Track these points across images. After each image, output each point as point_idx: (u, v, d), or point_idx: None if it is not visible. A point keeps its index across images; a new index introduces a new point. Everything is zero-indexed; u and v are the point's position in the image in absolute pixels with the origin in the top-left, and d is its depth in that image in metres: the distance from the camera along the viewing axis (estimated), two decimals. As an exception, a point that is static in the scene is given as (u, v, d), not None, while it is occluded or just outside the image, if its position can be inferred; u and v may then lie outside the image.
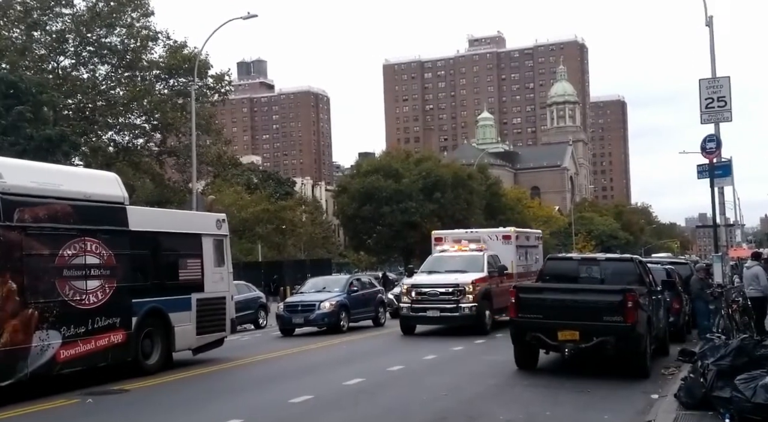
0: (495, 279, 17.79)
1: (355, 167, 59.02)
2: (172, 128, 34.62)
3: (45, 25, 31.86)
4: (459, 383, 10.56)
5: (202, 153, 33.42)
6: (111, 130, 35.08)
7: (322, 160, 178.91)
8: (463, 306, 16.63)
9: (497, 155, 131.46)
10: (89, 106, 33.83)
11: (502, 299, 16.37)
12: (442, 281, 17.17)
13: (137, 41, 33.35)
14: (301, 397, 9.37)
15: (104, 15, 32.34)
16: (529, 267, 20.49)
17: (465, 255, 18.50)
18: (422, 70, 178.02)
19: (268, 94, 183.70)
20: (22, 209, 9.58)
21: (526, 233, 22.69)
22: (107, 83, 34.34)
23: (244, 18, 27.12)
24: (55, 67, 32.83)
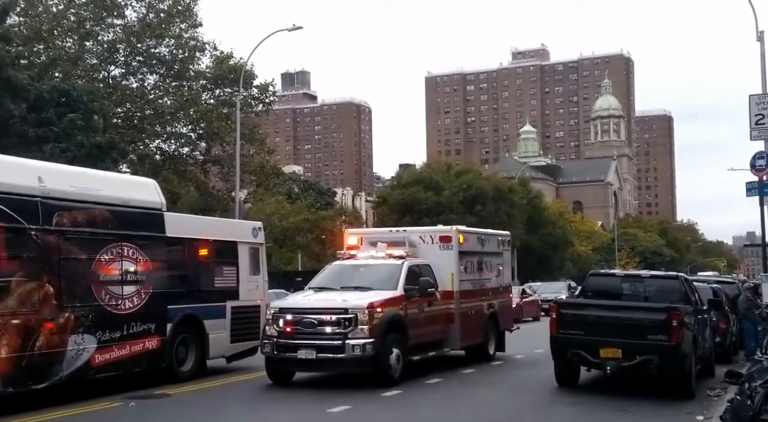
0: (415, 302, 11.86)
1: (396, 178, 58.96)
2: (217, 137, 35.14)
3: (97, 36, 32.67)
4: (497, 398, 10.47)
5: (246, 162, 33.75)
6: (158, 139, 35.72)
7: (363, 170, 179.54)
8: (352, 343, 10.60)
9: (539, 169, 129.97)
10: (138, 114, 34.51)
11: (426, 330, 12.05)
12: (323, 304, 11.07)
13: (185, 52, 33.97)
14: (339, 407, 9.35)
15: (154, 26, 33.03)
16: (485, 283, 14.36)
17: (376, 264, 12.36)
18: (464, 82, 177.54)
19: (311, 104, 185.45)
20: (61, 213, 9.67)
21: (481, 234, 15.06)
22: (155, 92, 35.00)
23: (289, 30, 27.39)
24: (105, 76, 33.63)
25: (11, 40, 23.09)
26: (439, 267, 12.91)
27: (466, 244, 13.75)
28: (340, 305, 10.95)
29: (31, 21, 30.56)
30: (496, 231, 16.70)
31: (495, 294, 14.84)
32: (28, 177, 9.50)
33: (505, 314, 15.45)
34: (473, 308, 13.71)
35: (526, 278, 56.16)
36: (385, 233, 14.10)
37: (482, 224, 50.47)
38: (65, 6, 32.19)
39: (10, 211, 9.03)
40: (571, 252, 67.77)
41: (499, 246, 15.58)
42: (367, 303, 10.91)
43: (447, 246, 13.32)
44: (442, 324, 12.78)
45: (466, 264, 13.63)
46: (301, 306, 11.25)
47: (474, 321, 13.71)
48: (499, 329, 14.98)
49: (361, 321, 10.75)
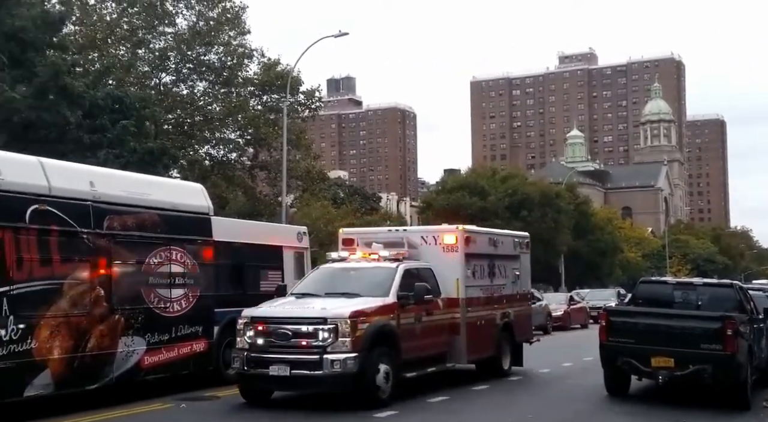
0: (411, 310, 10.40)
1: (441, 183, 58.74)
2: (264, 143, 35.53)
3: (149, 44, 33.42)
4: (546, 406, 10.25)
5: (292, 167, 34.05)
6: (207, 144, 36.29)
7: (408, 175, 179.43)
8: (331, 358, 9.14)
9: (587, 174, 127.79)
10: (188, 120, 35.14)
11: (424, 342, 10.62)
12: (298, 312, 9.68)
13: (234, 59, 34.48)
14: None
15: (204, 34, 33.63)
16: (498, 290, 12.79)
17: (367, 268, 10.97)
18: (510, 87, 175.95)
19: (356, 110, 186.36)
20: (111, 217, 9.84)
21: (493, 235, 13.42)
22: (205, 99, 35.61)
23: (335, 36, 27.54)
24: (157, 83, 34.35)
25: (67, 49, 23.77)
26: (443, 272, 11.40)
27: (474, 246, 12.08)
28: (318, 314, 9.40)
29: (86, 30, 31.42)
30: (511, 232, 15.06)
31: (510, 302, 13.18)
32: (80, 181, 9.70)
33: (523, 324, 13.82)
34: (483, 317, 12.15)
35: (574, 284, 55.22)
36: (382, 233, 12.53)
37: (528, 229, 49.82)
38: (118, 15, 33.04)
39: (63, 215, 9.20)
40: (621, 258, 66.35)
41: (515, 249, 13.82)
42: (349, 311, 9.37)
43: (451, 248, 11.74)
44: (444, 335, 11.25)
45: (474, 269, 12.02)
46: (274, 315, 9.65)
47: (484, 332, 12.11)
48: (514, 341, 13.34)
49: (342, 333, 9.19)
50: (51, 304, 9.00)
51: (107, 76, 27.25)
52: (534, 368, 13.92)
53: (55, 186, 9.25)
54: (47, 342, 8.89)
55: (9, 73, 20.01)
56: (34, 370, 8.74)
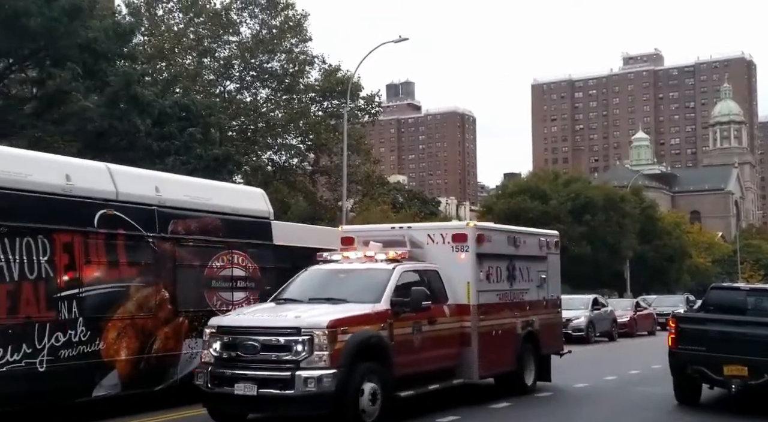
0: (407, 318, 9.00)
1: (501, 187, 57.99)
2: (325, 148, 35.85)
3: (214, 53, 34.19)
4: (614, 414, 9.95)
5: (352, 172, 34.19)
6: (270, 150, 36.86)
7: (467, 180, 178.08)
8: (304, 375, 7.78)
9: (653, 177, 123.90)
10: (251, 127, 35.76)
11: (425, 355, 9.21)
12: (269, 321, 8.36)
13: (295, 66, 34.94)
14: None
15: (267, 42, 34.20)
16: (519, 295, 11.28)
17: (360, 270, 9.60)
18: (572, 89, 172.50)
19: (415, 114, 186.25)
20: (175, 221, 10.00)
21: (513, 233, 11.79)
22: (267, 106, 36.17)
23: (395, 41, 27.56)
24: (221, 91, 35.09)
25: (137, 59, 24.49)
26: (452, 274, 9.95)
27: (489, 245, 10.53)
28: (291, 323, 8.00)
29: (155, 40, 32.38)
30: (537, 230, 13.49)
31: (535, 308, 11.57)
32: (145, 187, 9.89)
33: (550, 334, 12.12)
34: (500, 326, 10.61)
35: (639, 290, 53.54)
36: (383, 231, 11.07)
37: (592, 234, 49.00)
38: (185, 25, 33.94)
39: (130, 220, 9.40)
40: (689, 264, 63.98)
41: (542, 249, 12.13)
42: (327, 320, 7.93)
43: (462, 248, 10.16)
44: (451, 347, 9.75)
45: (488, 271, 10.49)
46: (241, 324, 8.33)
47: (501, 343, 10.57)
48: (539, 353, 11.63)
49: (318, 345, 7.79)
50: (118, 306, 9.18)
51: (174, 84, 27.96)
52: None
53: (122, 191, 9.45)
54: (115, 343, 9.09)
55: (83, 83, 20.71)
56: (102, 371, 8.92)
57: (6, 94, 22.26)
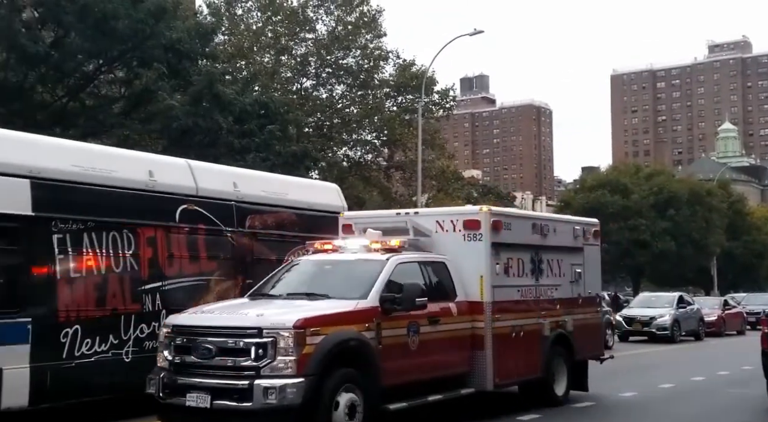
0: (399, 318, 7.71)
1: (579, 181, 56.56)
2: (400, 143, 35.75)
3: (291, 50, 34.58)
4: (706, 416, 9.48)
5: (427, 167, 33.99)
6: (345, 146, 37.02)
7: (543, 174, 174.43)
8: (264, 384, 6.60)
9: (741, 170, 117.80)
10: (326, 123, 36.03)
11: (425, 360, 7.90)
12: (227, 319, 7.23)
13: (370, 61, 34.93)
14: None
15: (342, 38, 34.31)
16: (548, 292, 9.86)
17: (347, 261, 8.43)
18: (654, 79, 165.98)
19: (490, 108, 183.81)
20: (253, 216, 10.07)
21: (540, 220, 10.19)
22: (343, 102, 36.33)
23: (470, 35, 27.24)
24: (298, 88, 35.47)
25: (218, 58, 25.00)
26: (463, 267, 8.67)
27: (508, 233, 9.09)
28: (251, 323, 6.83)
29: (234, 39, 33.05)
30: (571, 218, 12.23)
31: (567, 307, 10.08)
32: (224, 182, 10.03)
33: (587, 336, 10.50)
34: (521, 327, 9.18)
35: (727, 288, 51.01)
36: (386, 217, 9.73)
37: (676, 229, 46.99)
38: (263, 24, 34.45)
39: (209, 215, 9.52)
40: (780, 261, 60.56)
41: (577, 239, 10.55)
42: (295, 319, 6.72)
43: (474, 236, 8.77)
44: (460, 351, 8.45)
45: (507, 263, 9.08)
46: (196, 323, 7.18)
47: (523, 346, 9.17)
48: (573, 358, 10.09)
49: (283, 349, 6.59)
50: (199, 299, 9.25)
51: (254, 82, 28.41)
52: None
53: (201, 187, 9.59)
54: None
55: (168, 83, 21.27)
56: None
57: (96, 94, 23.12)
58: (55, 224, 8.10)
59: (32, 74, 19.92)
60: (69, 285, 8.14)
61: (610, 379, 12.07)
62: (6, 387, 7.28)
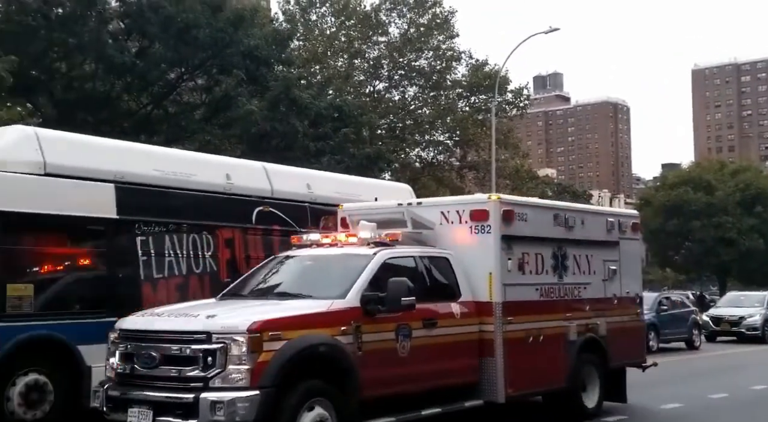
0: (386, 320, 6.63)
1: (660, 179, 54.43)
2: (473, 143, 35.32)
3: (364, 54, 34.70)
4: None
5: (501, 167, 33.41)
6: (417, 147, 36.89)
7: (621, 172, 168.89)
8: (212, 398, 5.54)
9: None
10: (399, 125, 35.97)
11: (414, 369, 6.78)
12: (173, 323, 6.17)
13: (443, 62, 34.68)
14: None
15: (414, 40, 34.20)
16: (574, 291, 8.62)
17: (329, 256, 7.41)
18: (738, 72, 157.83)
19: (564, 106, 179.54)
20: (326, 217, 10.03)
21: (563, 211, 8.83)
22: (415, 103, 36.21)
23: (545, 32, 26.64)
24: (371, 90, 35.55)
25: (293, 63, 25.34)
26: (471, 263, 7.57)
27: (522, 225, 7.92)
28: (200, 326, 5.84)
29: (309, 44, 33.45)
30: (602, 208, 10.62)
31: (600, 308, 8.87)
32: (298, 184, 10.06)
33: (625, 341, 9.21)
34: (540, 331, 8.00)
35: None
36: (384, 208, 8.40)
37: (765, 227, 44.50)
38: (337, 28, 34.72)
39: (284, 216, 9.56)
40: None
41: (611, 232, 9.27)
42: (251, 321, 5.73)
43: (482, 228, 7.65)
44: (465, 357, 7.37)
45: (523, 259, 7.92)
46: (142, 327, 6.25)
47: (542, 352, 8.01)
48: (607, 366, 8.84)
49: (235, 357, 5.61)
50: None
51: (328, 86, 28.65)
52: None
53: (276, 189, 9.64)
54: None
55: (246, 89, 21.70)
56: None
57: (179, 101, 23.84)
58: (138, 227, 8.29)
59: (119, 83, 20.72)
60: (152, 285, 8.30)
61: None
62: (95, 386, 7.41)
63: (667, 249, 48.69)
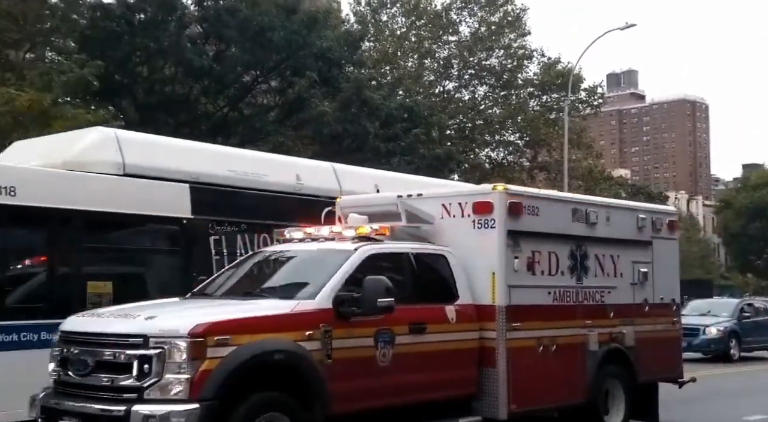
0: (362, 324, 5.71)
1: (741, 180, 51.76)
2: (544, 143, 34.50)
3: (434, 54, 34.42)
4: None
5: (573, 167, 32.46)
6: (487, 148, 36.34)
7: (699, 172, 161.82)
8: (143, 412, 4.77)
9: None
10: (469, 125, 35.49)
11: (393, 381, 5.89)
12: (109, 324, 5.37)
13: (514, 61, 34.04)
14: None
15: (485, 39, 33.69)
16: (596, 295, 7.59)
17: (308, 252, 6.51)
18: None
19: (639, 104, 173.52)
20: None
21: (582, 205, 7.70)
22: (485, 103, 35.67)
23: (621, 29, 25.84)
24: (441, 90, 35.21)
25: (364, 64, 25.33)
26: (472, 261, 6.69)
27: (533, 219, 6.95)
28: (137, 329, 5.09)
29: (380, 45, 33.42)
30: (632, 203, 9.82)
31: (626, 315, 7.82)
32: (366, 184, 9.81)
33: (656, 353, 8.13)
34: (554, 339, 7.04)
35: None
36: (377, 201, 7.54)
37: None
38: (407, 28, 34.57)
39: (354, 217, 9.41)
40: None
41: (642, 231, 8.19)
42: (193, 324, 4.97)
43: (485, 222, 6.74)
44: (460, 367, 6.47)
45: (533, 257, 6.97)
46: (79, 329, 5.51)
47: (556, 363, 7.06)
48: (635, 380, 7.76)
49: (174, 364, 4.88)
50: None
51: (398, 87, 28.51)
52: None
53: (345, 189, 9.47)
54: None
55: (319, 90, 21.82)
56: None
57: (253, 103, 24.21)
58: (212, 226, 8.29)
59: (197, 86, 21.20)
60: (225, 285, 8.30)
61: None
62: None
63: (749, 254, 46.43)
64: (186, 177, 8.19)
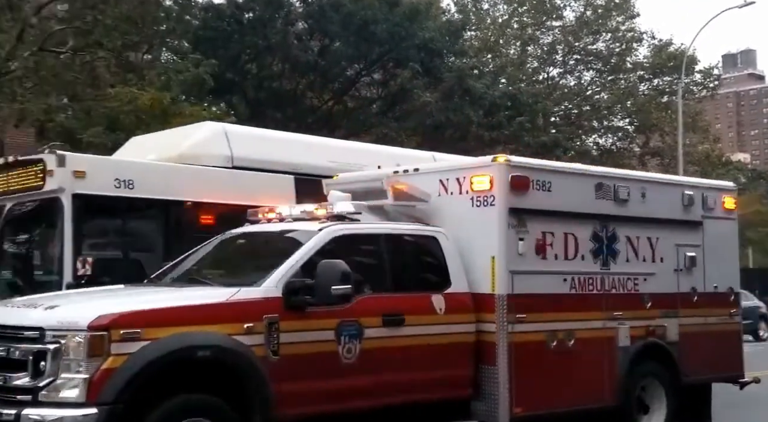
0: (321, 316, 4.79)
1: None
2: (656, 128, 32.69)
3: (538, 40, 33.30)
4: None
5: (688, 152, 30.47)
6: (595, 134, 34.89)
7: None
8: (34, 417, 3.99)
9: None
10: (575, 111, 34.18)
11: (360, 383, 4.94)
12: (9, 316, 4.49)
13: (622, 44, 32.46)
14: None
15: (591, 23, 32.30)
16: (627, 283, 6.37)
17: (269, 233, 5.69)
18: None
19: (757, 85, 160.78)
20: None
21: (608, 179, 6.45)
22: (592, 88, 34.24)
23: (739, 7, 23.88)
24: (545, 77, 34.02)
25: (466, 53, 24.76)
26: (470, 243, 5.71)
27: (542, 196, 5.91)
28: (33, 321, 4.33)
29: (481, 34, 32.66)
30: (674, 178, 8.48)
31: (668, 307, 6.67)
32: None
33: (707, 350, 6.92)
34: (571, 333, 5.97)
35: None
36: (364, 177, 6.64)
37: None
38: (509, 15, 33.58)
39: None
40: None
41: (689, 209, 6.97)
42: (95, 315, 4.19)
43: (484, 200, 5.72)
44: (451, 365, 5.51)
45: (544, 239, 5.90)
46: None
47: (576, 361, 6.01)
48: (679, 380, 6.63)
49: (71, 362, 4.12)
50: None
51: (501, 75, 27.72)
52: None
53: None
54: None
55: (421, 81, 21.54)
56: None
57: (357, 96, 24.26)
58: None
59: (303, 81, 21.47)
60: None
61: None
62: None
63: None
64: (290, 168, 8.17)
